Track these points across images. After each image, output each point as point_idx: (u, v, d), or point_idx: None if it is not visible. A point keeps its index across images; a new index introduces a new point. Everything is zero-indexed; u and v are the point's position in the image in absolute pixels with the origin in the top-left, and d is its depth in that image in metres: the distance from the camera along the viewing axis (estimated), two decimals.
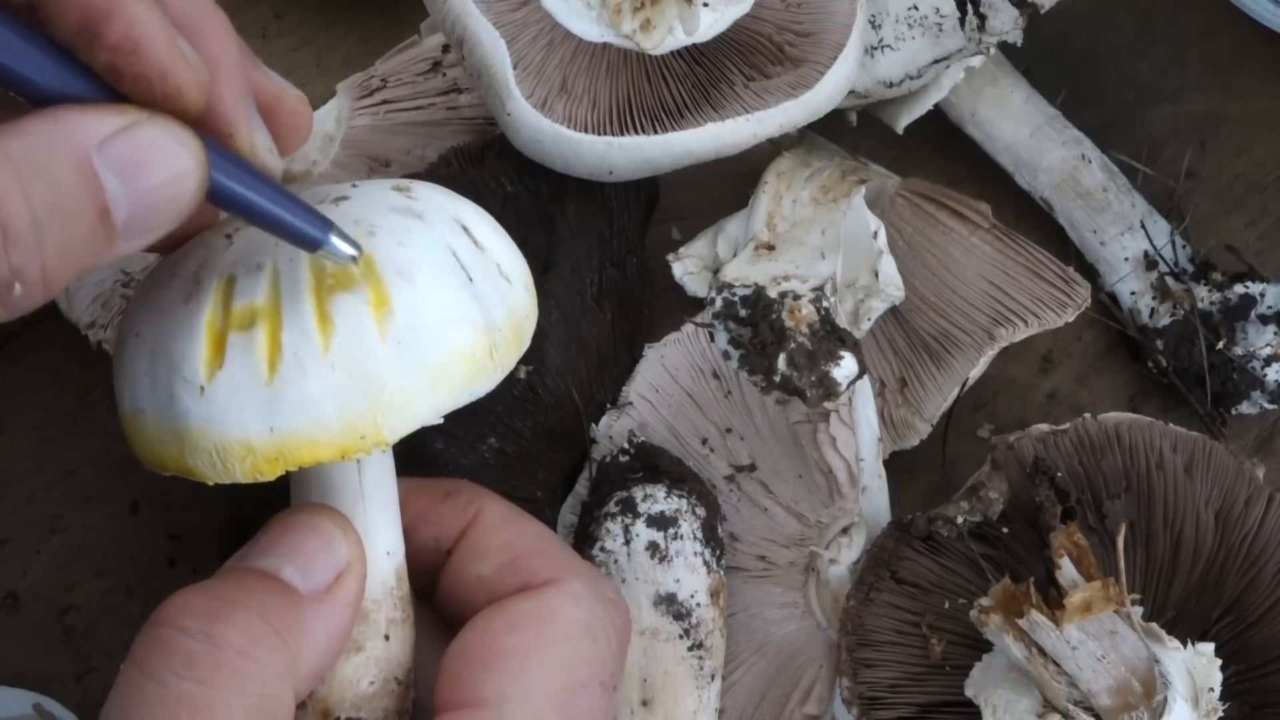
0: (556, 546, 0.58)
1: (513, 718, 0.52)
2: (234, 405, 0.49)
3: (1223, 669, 0.67)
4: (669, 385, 0.78)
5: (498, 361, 0.53)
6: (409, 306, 0.50)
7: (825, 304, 0.73)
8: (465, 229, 0.54)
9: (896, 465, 0.80)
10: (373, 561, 0.54)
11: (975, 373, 0.79)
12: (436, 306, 0.51)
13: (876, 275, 0.77)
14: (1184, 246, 0.84)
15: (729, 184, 0.82)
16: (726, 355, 0.74)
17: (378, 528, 0.55)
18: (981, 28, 0.79)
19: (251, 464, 0.49)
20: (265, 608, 0.49)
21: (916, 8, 0.79)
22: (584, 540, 0.72)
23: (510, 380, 0.74)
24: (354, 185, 0.55)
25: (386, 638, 0.54)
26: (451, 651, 0.54)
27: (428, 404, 0.50)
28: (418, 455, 0.60)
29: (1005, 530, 0.72)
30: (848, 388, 0.72)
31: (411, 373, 0.49)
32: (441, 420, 0.51)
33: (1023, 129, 0.86)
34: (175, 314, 0.50)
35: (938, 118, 0.85)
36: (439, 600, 0.59)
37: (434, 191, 0.55)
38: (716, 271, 0.76)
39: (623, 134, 0.71)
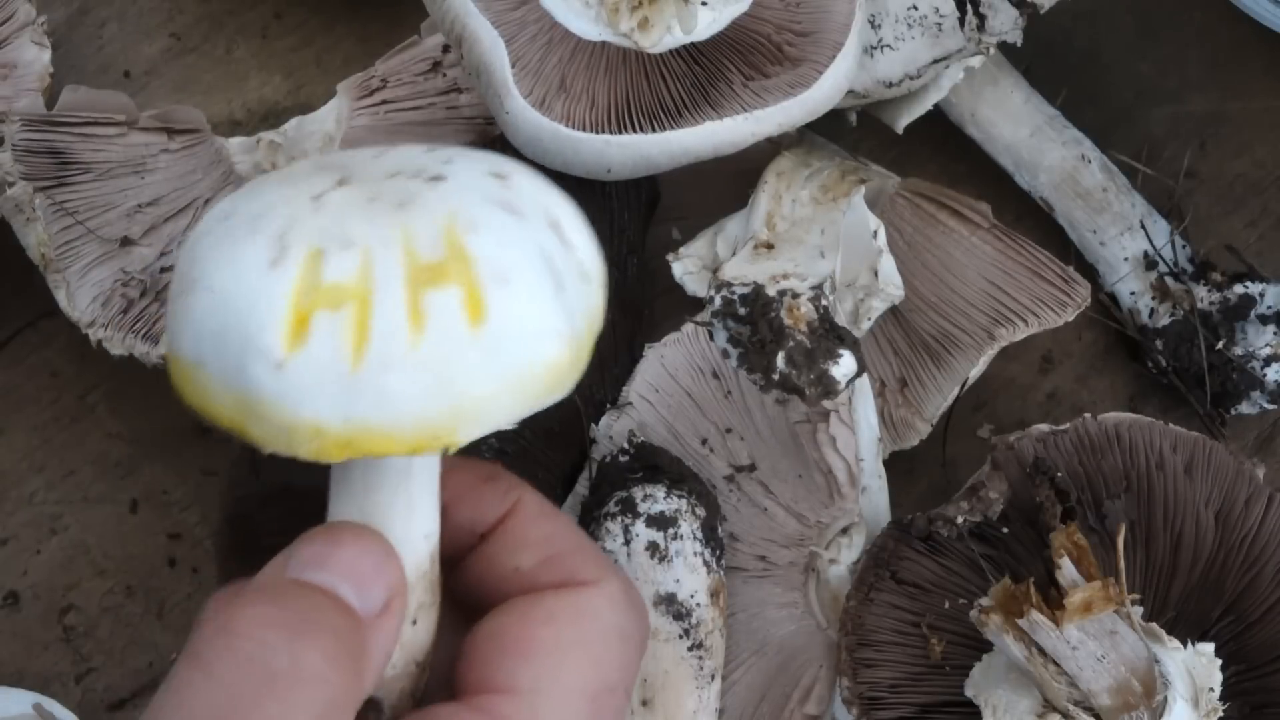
0: (593, 547, 0.58)
1: (546, 710, 0.51)
2: (311, 388, 0.46)
3: (1223, 669, 0.67)
4: (669, 385, 0.78)
5: (576, 371, 0.51)
6: (504, 314, 0.48)
7: (824, 302, 0.73)
8: (556, 225, 0.52)
9: (896, 465, 0.80)
10: (410, 544, 0.53)
11: (975, 373, 0.79)
12: (531, 316, 0.49)
13: (876, 275, 0.77)
14: (1184, 246, 0.84)
15: (729, 184, 0.82)
16: (725, 353, 0.74)
17: (421, 509, 0.53)
18: (981, 28, 0.79)
19: (318, 447, 0.47)
20: (339, 630, 0.48)
21: (916, 8, 0.79)
22: None
23: None
24: (447, 162, 0.52)
25: (414, 622, 0.53)
26: (482, 634, 0.53)
27: (506, 413, 0.49)
28: None
29: (1005, 530, 0.72)
30: (846, 386, 0.72)
31: (497, 382, 0.48)
32: (514, 426, 0.49)
33: (1023, 129, 0.86)
34: (257, 277, 0.47)
35: (938, 118, 0.85)
36: (461, 581, 0.58)
37: (529, 181, 0.53)
38: (716, 271, 0.76)
39: (621, 133, 0.72)
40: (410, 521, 0.53)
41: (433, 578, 0.54)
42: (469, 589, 0.57)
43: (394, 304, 0.47)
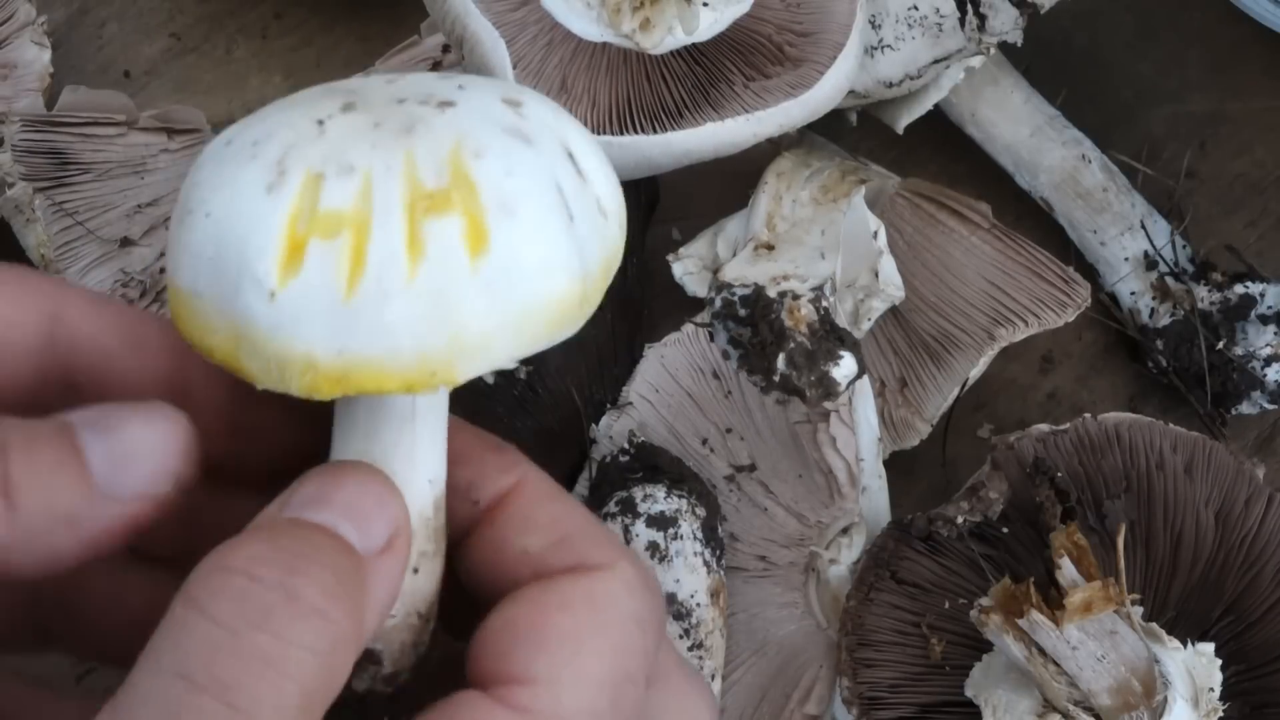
0: (604, 529, 0.56)
1: (567, 700, 0.49)
2: (304, 318, 0.45)
3: (1223, 669, 0.67)
4: (669, 385, 0.78)
5: (585, 310, 0.49)
6: (507, 246, 0.46)
7: (825, 304, 0.73)
8: (571, 156, 0.49)
9: (896, 465, 0.80)
10: (414, 488, 0.51)
11: (975, 373, 0.79)
12: (536, 250, 0.47)
13: (876, 275, 0.77)
14: (1184, 246, 0.84)
15: (729, 184, 0.82)
16: (726, 355, 0.74)
17: (424, 453, 0.51)
18: (981, 28, 0.79)
19: (310, 381, 0.46)
20: (337, 566, 0.47)
21: (916, 8, 0.79)
22: None
23: (510, 380, 0.74)
24: (460, 87, 0.50)
25: (415, 570, 0.51)
26: (495, 624, 0.51)
27: (507, 350, 0.47)
28: None
29: (1005, 530, 0.72)
30: (847, 387, 0.72)
31: (498, 316, 0.46)
32: (516, 365, 0.48)
33: (1023, 129, 0.85)
34: (253, 202, 0.46)
35: (938, 118, 0.85)
36: (467, 565, 0.57)
37: (543, 108, 0.51)
38: (716, 271, 0.76)
39: (622, 134, 0.72)
40: (413, 465, 0.51)
41: (436, 525, 0.53)
42: (476, 574, 0.56)
43: (392, 232, 0.45)
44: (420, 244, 0.45)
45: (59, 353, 0.52)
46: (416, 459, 0.51)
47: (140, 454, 0.49)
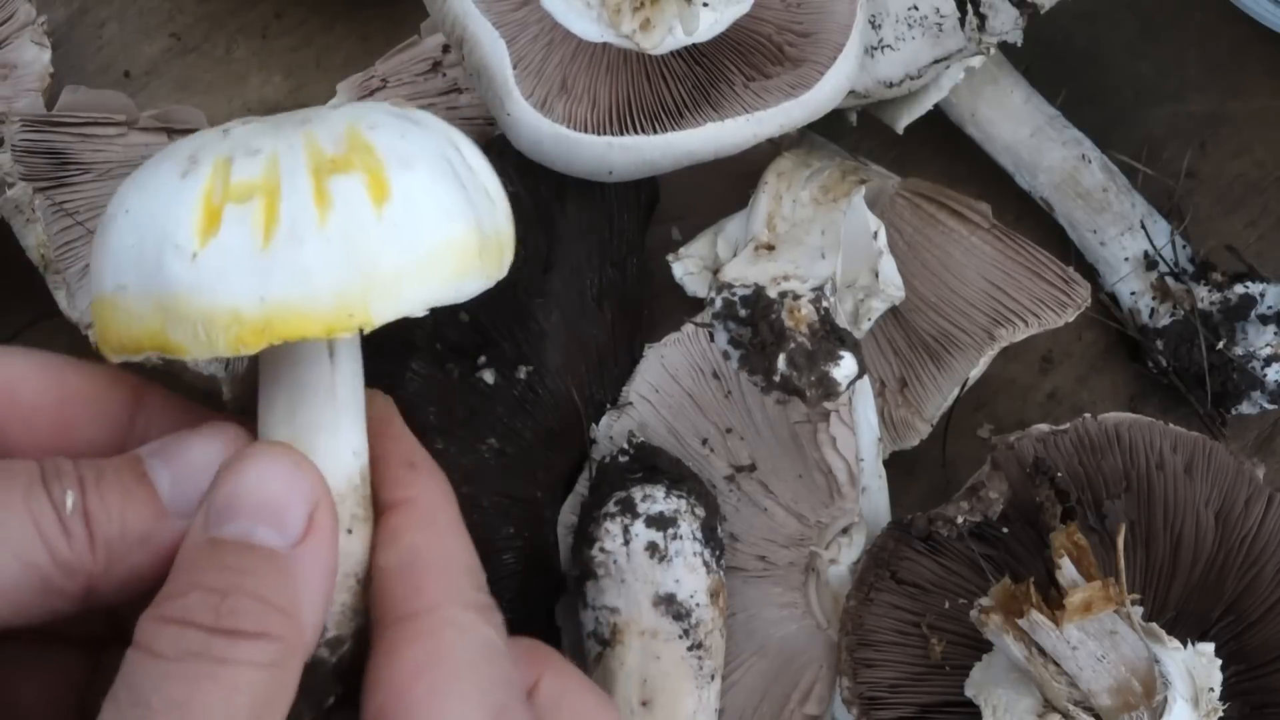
0: (456, 571, 0.57)
1: None
2: (226, 272, 0.49)
3: (1223, 669, 0.67)
4: (669, 385, 0.78)
5: (484, 265, 0.54)
6: (407, 193, 0.51)
7: (825, 304, 0.73)
8: (457, 147, 0.55)
9: (896, 465, 0.80)
10: (338, 458, 0.54)
11: (975, 373, 0.79)
12: (433, 196, 0.52)
13: (876, 275, 0.77)
14: (1184, 246, 0.84)
15: (729, 184, 0.82)
16: (726, 355, 0.74)
17: (346, 425, 0.55)
18: (981, 28, 0.79)
19: (237, 334, 0.49)
20: (259, 587, 0.49)
21: (916, 8, 0.79)
22: (583, 540, 0.72)
23: (510, 380, 0.74)
24: (350, 103, 0.57)
25: (349, 531, 0.54)
26: (372, 711, 0.53)
27: (416, 291, 0.51)
28: None
29: (1005, 530, 0.73)
30: (847, 388, 0.72)
31: (404, 256, 0.50)
32: (427, 313, 0.52)
33: (1023, 129, 0.86)
34: (170, 187, 0.51)
35: (938, 118, 0.85)
36: None
37: (431, 116, 0.57)
38: (716, 271, 0.76)
39: (622, 134, 0.72)
40: (337, 438, 0.54)
41: (364, 494, 0.55)
42: None
43: (300, 190, 0.50)
44: (327, 197, 0.50)
45: (137, 429, 0.56)
46: (340, 431, 0.55)
47: (202, 470, 0.52)
